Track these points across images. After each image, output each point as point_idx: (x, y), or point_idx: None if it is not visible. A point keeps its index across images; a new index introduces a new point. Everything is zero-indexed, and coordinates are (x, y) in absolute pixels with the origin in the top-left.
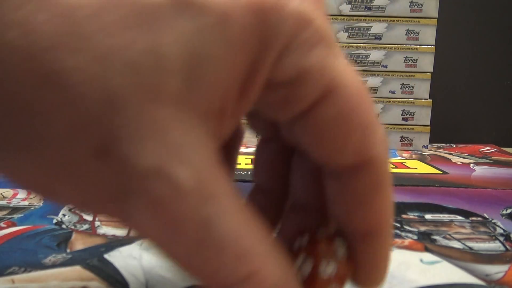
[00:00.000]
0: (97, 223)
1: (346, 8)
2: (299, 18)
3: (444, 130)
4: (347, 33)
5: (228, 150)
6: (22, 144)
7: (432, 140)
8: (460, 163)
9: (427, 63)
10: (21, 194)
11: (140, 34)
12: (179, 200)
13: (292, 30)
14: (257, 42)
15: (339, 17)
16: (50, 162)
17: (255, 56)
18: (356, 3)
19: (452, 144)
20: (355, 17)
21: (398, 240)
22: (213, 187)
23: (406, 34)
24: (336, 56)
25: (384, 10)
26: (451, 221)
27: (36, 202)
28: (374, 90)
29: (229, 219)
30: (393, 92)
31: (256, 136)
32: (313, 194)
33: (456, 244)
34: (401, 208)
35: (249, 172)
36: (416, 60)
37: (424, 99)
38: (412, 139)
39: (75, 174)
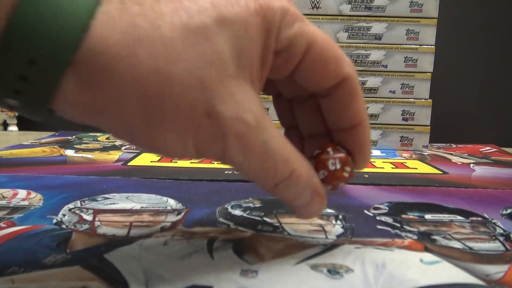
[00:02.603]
0: (97, 223)
1: (346, 8)
2: (281, 10)
3: (444, 130)
4: (347, 33)
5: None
6: (163, 120)
7: (432, 140)
8: (460, 163)
9: (427, 63)
10: (21, 194)
11: (208, 44)
12: (250, 132)
13: (280, 18)
14: (264, 30)
15: (339, 17)
16: (182, 128)
17: (265, 39)
18: (356, 3)
19: (452, 144)
20: (355, 17)
21: (398, 240)
22: (265, 123)
23: (406, 34)
24: (308, 25)
25: (384, 10)
26: (451, 221)
27: (36, 202)
28: (374, 90)
29: (276, 140)
30: (393, 92)
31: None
32: (315, 125)
33: (456, 244)
34: (401, 208)
35: None
36: (416, 60)
37: (424, 99)
38: (412, 139)
39: (197, 131)
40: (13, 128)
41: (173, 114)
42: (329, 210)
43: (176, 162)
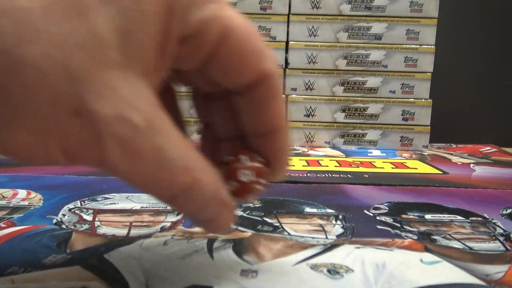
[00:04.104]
0: (97, 223)
1: (346, 8)
2: None
3: (444, 130)
4: (347, 33)
5: (170, 99)
6: (12, 116)
7: (432, 140)
8: (460, 163)
9: (427, 63)
10: (21, 194)
11: (80, 21)
12: (137, 136)
13: None
14: (165, 9)
15: (339, 17)
16: (41, 127)
17: (166, 20)
18: (356, 3)
19: (452, 144)
20: (355, 17)
21: (398, 240)
22: (159, 124)
23: (406, 34)
24: (225, 7)
25: (384, 10)
26: (451, 221)
27: (36, 202)
28: (374, 90)
29: (174, 145)
30: (393, 92)
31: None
32: (232, 127)
33: (456, 244)
34: (401, 208)
35: None
36: (416, 60)
37: (424, 99)
38: (412, 139)
39: (62, 132)
40: None
41: (25, 109)
42: (329, 210)
43: None
